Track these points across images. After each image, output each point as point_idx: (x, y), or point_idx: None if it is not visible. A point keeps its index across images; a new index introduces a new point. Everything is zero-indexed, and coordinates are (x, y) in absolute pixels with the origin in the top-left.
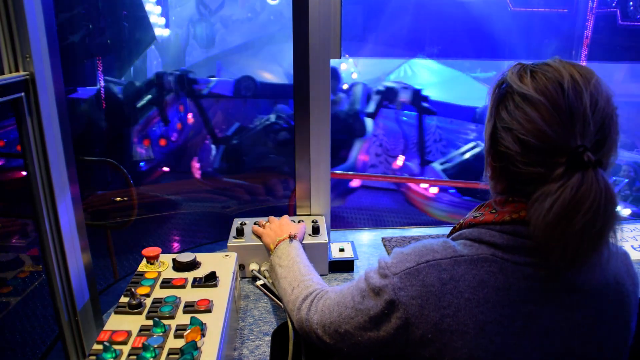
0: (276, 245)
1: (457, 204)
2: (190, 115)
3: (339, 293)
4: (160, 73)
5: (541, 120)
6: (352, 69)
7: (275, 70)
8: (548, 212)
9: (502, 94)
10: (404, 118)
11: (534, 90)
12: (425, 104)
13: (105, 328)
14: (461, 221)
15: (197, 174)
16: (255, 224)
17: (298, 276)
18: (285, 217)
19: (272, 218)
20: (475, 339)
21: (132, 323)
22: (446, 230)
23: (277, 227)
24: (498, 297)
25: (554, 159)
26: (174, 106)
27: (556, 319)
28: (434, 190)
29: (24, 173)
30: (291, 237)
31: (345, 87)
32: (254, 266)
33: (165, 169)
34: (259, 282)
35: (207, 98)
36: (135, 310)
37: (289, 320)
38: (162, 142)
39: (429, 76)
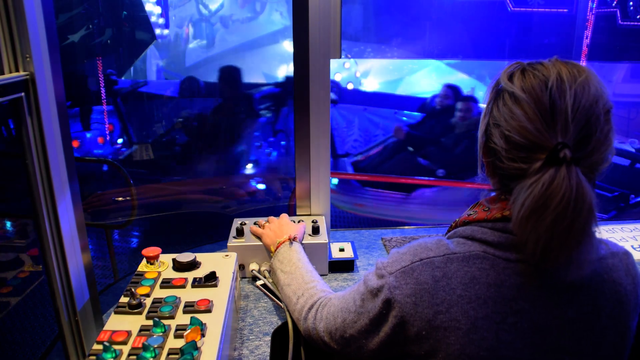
0: (277, 248)
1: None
2: None
3: (341, 299)
4: None
5: (524, 117)
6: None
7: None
8: (521, 208)
9: (497, 92)
10: (404, 118)
11: (519, 89)
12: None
13: (105, 328)
14: (457, 219)
15: None
16: (254, 224)
17: (302, 284)
18: (284, 216)
19: (271, 218)
20: (467, 334)
21: (132, 323)
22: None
23: (277, 227)
24: (490, 294)
25: (534, 155)
26: None
27: (548, 316)
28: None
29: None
30: (291, 240)
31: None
32: (254, 266)
33: None
34: (259, 282)
35: None
36: (135, 310)
37: (289, 320)
38: None
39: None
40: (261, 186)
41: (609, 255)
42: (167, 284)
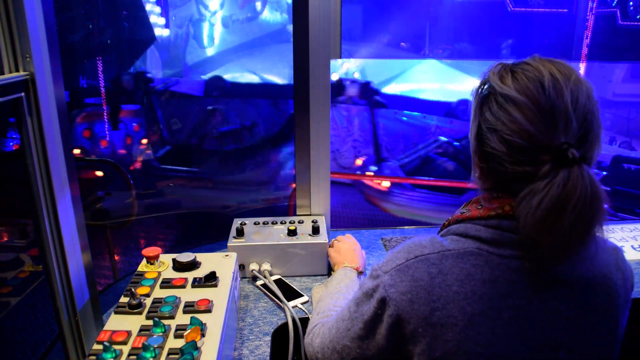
0: (341, 267)
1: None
2: None
3: (339, 312)
4: None
5: (524, 119)
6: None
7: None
8: (536, 210)
9: (485, 94)
10: (404, 118)
11: (515, 91)
12: (377, 98)
13: (105, 328)
14: (450, 218)
15: None
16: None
17: (329, 305)
18: (352, 243)
19: (346, 237)
20: (463, 331)
21: (132, 323)
22: None
23: (350, 251)
24: (485, 290)
25: (539, 157)
26: None
27: (543, 312)
28: (386, 184)
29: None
30: (358, 272)
31: None
32: (254, 266)
33: None
34: (259, 282)
35: None
36: (135, 310)
37: (289, 320)
38: None
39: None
40: None
41: (599, 250)
42: (167, 284)
